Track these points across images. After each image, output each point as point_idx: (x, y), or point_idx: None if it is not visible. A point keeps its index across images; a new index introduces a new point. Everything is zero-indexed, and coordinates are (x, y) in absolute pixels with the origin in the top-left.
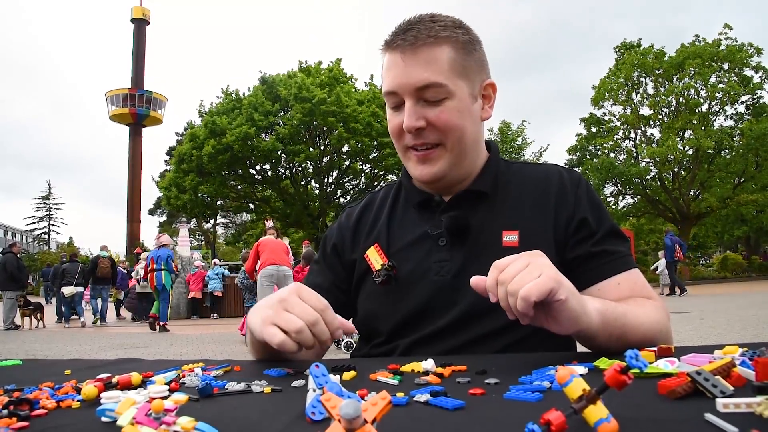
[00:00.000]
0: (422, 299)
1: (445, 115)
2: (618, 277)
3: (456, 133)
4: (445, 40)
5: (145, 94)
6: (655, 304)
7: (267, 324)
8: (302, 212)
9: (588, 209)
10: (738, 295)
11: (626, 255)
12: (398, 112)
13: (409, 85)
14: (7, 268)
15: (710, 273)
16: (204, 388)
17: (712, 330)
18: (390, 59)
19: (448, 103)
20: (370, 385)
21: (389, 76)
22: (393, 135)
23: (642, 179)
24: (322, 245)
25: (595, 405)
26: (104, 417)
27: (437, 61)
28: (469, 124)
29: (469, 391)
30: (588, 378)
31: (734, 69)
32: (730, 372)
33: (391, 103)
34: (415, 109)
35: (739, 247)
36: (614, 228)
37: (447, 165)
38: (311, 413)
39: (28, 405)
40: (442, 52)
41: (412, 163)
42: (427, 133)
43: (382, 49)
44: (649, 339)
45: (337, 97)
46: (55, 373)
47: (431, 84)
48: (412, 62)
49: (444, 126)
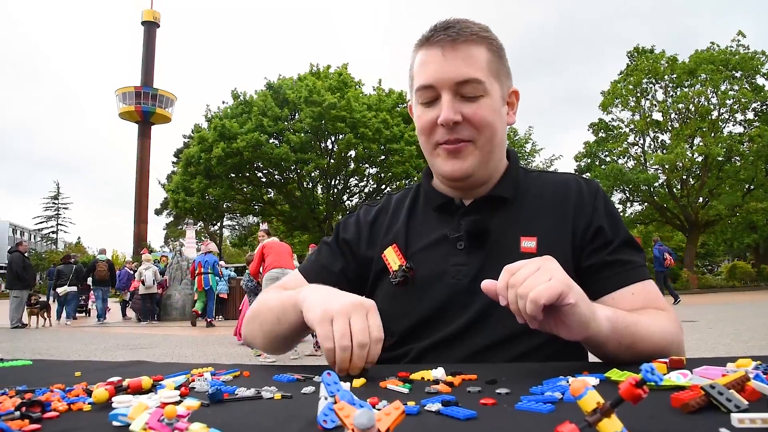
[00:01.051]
0: (438, 301)
1: (481, 111)
2: (632, 287)
3: (488, 132)
4: (483, 40)
5: (151, 91)
6: (668, 315)
7: (325, 321)
8: (309, 215)
9: (605, 218)
10: (746, 304)
11: (641, 266)
12: (430, 107)
13: (449, 80)
14: (13, 267)
15: (718, 282)
16: (214, 394)
17: (720, 339)
18: (427, 54)
19: (484, 100)
20: (381, 393)
21: (426, 71)
22: (423, 131)
23: (650, 186)
24: (336, 232)
25: (610, 418)
26: (116, 421)
27: (477, 58)
28: (500, 125)
29: (480, 401)
30: (599, 389)
31: (746, 77)
32: (744, 386)
33: (425, 98)
34: (453, 103)
35: (748, 255)
36: (630, 238)
37: (476, 162)
38: (323, 421)
39: (40, 407)
40: (480, 51)
41: (441, 159)
42: (461, 129)
43: (418, 45)
44: (660, 349)
45: (347, 102)
46: (65, 375)
47: (471, 79)
48: (453, 57)
49: (479, 122)
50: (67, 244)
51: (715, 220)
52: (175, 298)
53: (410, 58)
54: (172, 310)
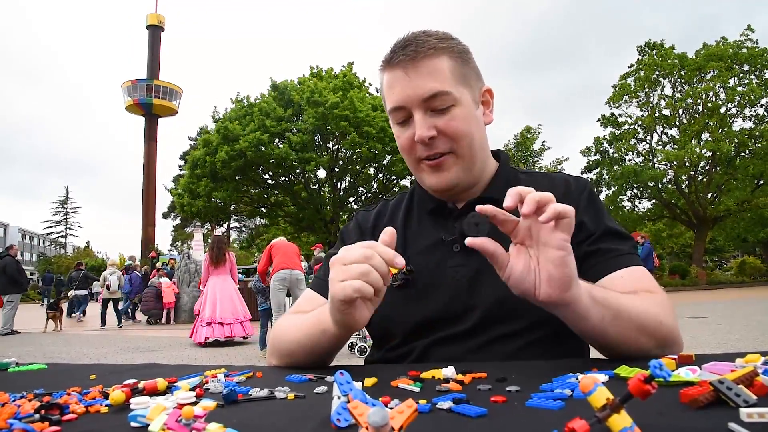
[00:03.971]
0: (439, 302)
1: (454, 122)
2: (618, 272)
3: (466, 140)
4: (443, 51)
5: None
6: (659, 297)
7: (335, 284)
8: (315, 216)
9: (586, 212)
10: (756, 300)
11: (626, 253)
12: (405, 127)
13: (417, 96)
14: (7, 271)
15: (728, 278)
16: (229, 395)
17: (730, 335)
18: (392, 76)
19: (455, 110)
20: (392, 392)
21: (394, 93)
22: (404, 150)
23: (658, 182)
24: (341, 241)
25: (619, 414)
26: (135, 422)
27: (439, 70)
28: (476, 130)
29: (491, 398)
30: (608, 386)
31: (755, 71)
32: (753, 381)
33: (398, 118)
34: (425, 120)
35: (758, 250)
36: (613, 228)
37: (460, 171)
38: (337, 420)
39: (59, 410)
40: (442, 62)
41: (426, 174)
42: (438, 143)
43: (382, 68)
44: (648, 328)
45: (350, 102)
46: (81, 378)
47: (438, 92)
48: (416, 75)
49: (454, 133)
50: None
51: (723, 215)
52: (183, 301)
53: (379, 79)
54: (181, 313)
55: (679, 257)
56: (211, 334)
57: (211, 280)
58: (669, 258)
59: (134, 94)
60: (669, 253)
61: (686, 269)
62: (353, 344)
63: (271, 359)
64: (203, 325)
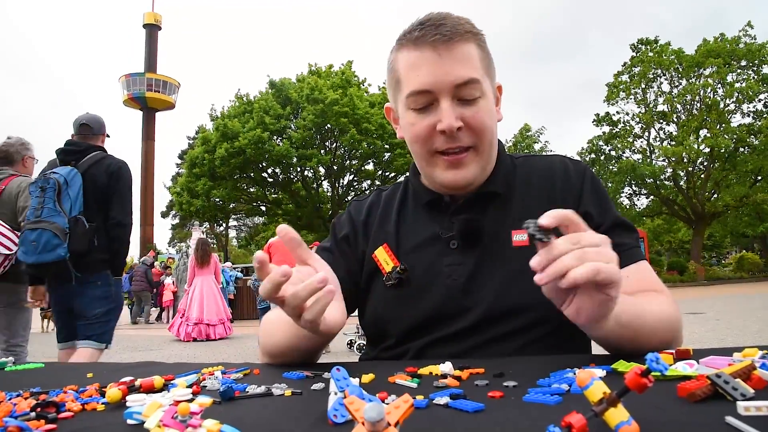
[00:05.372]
0: (434, 304)
1: (480, 115)
2: (625, 270)
3: (488, 135)
4: (473, 36)
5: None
6: (666, 299)
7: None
8: (314, 214)
9: (591, 202)
10: (755, 295)
11: (633, 247)
12: (425, 114)
13: (448, 82)
14: None
15: (726, 273)
16: (225, 391)
17: (729, 331)
18: (418, 56)
19: (482, 102)
20: (389, 387)
21: (419, 74)
22: (418, 139)
23: (656, 179)
24: (333, 233)
25: (616, 408)
26: (131, 419)
27: (472, 57)
28: (495, 126)
29: (488, 393)
30: (606, 381)
31: (752, 67)
32: (750, 375)
33: (420, 103)
34: (453, 108)
35: (756, 246)
36: (619, 219)
37: (478, 169)
38: (333, 416)
39: (55, 408)
40: (472, 48)
41: (440, 170)
42: (462, 135)
43: (402, 44)
44: (661, 335)
45: (350, 99)
46: (77, 376)
47: (470, 80)
48: (449, 57)
49: (480, 127)
50: None
51: (722, 211)
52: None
53: (390, 58)
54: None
55: (678, 253)
56: (198, 335)
57: (196, 279)
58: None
59: (131, 88)
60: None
61: (685, 265)
62: (352, 342)
63: (263, 358)
64: (189, 324)
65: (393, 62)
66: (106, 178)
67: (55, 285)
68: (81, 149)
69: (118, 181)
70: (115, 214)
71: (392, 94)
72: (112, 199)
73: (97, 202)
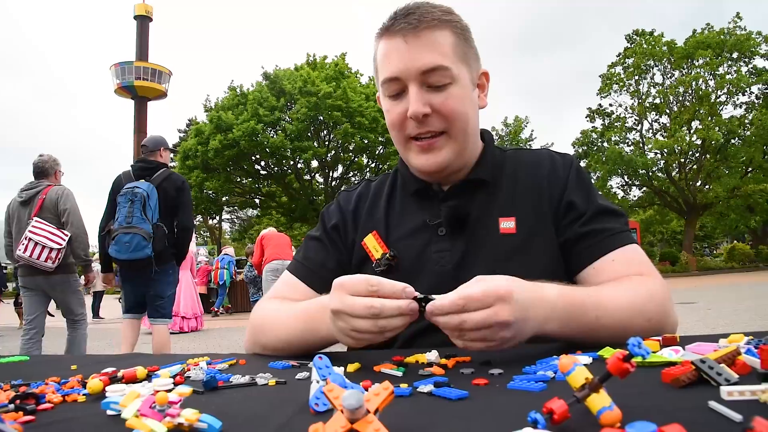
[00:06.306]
0: (423, 290)
1: (450, 101)
2: (611, 254)
3: (461, 121)
4: (446, 24)
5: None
6: (652, 280)
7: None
8: (307, 207)
9: (575, 191)
10: (745, 285)
11: (619, 231)
12: (398, 100)
13: (414, 69)
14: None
15: (717, 263)
16: (209, 381)
17: (719, 320)
18: (389, 45)
19: (453, 89)
20: (374, 376)
21: (390, 62)
22: (393, 125)
23: (648, 170)
24: (322, 222)
25: (598, 393)
26: (109, 410)
27: (441, 44)
28: (471, 112)
29: (473, 381)
30: (592, 367)
31: (743, 58)
32: (735, 360)
33: (391, 90)
34: (420, 95)
35: (747, 237)
36: (604, 206)
37: (451, 154)
38: (314, 404)
39: (34, 399)
40: (444, 36)
41: (414, 154)
42: (432, 121)
43: (379, 35)
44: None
45: (343, 92)
46: (62, 369)
47: (437, 67)
48: (416, 45)
49: (450, 113)
50: None
51: (713, 202)
52: None
53: (373, 48)
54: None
55: (670, 244)
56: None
57: None
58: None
59: (120, 77)
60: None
61: (676, 256)
62: None
63: (253, 347)
64: None
65: (375, 52)
66: (174, 191)
67: (132, 274)
68: (152, 167)
69: (183, 193)
70: (182, 219)
71: (377, 83)
72: (179, 208)
73: (167, 210)
